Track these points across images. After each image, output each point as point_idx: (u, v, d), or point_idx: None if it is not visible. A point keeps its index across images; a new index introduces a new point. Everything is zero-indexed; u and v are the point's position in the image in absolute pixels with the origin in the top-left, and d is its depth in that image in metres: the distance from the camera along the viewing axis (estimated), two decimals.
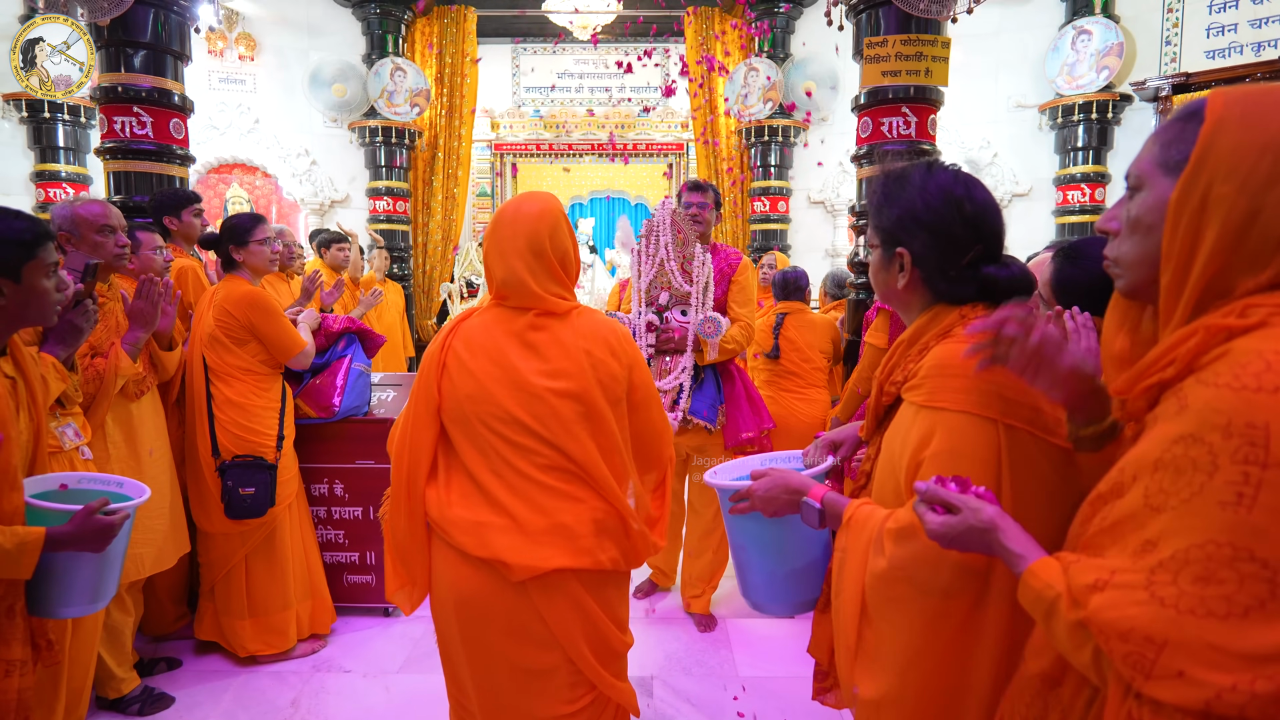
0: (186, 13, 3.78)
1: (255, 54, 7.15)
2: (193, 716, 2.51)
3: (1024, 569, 0.87)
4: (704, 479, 1.58)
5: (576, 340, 1.52)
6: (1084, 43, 6.26)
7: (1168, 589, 0.71)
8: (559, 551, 1.46)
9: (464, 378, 1.51)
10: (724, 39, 7.48)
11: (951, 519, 0.94)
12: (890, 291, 1.26)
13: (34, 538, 1.34)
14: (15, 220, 1.48)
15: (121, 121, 3.62)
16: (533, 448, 1.48)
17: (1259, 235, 0.78)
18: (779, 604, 1.44)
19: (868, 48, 3.63)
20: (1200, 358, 0.78)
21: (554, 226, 1.54)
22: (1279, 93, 0.81)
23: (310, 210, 7.42)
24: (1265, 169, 0.77)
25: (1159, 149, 0.87)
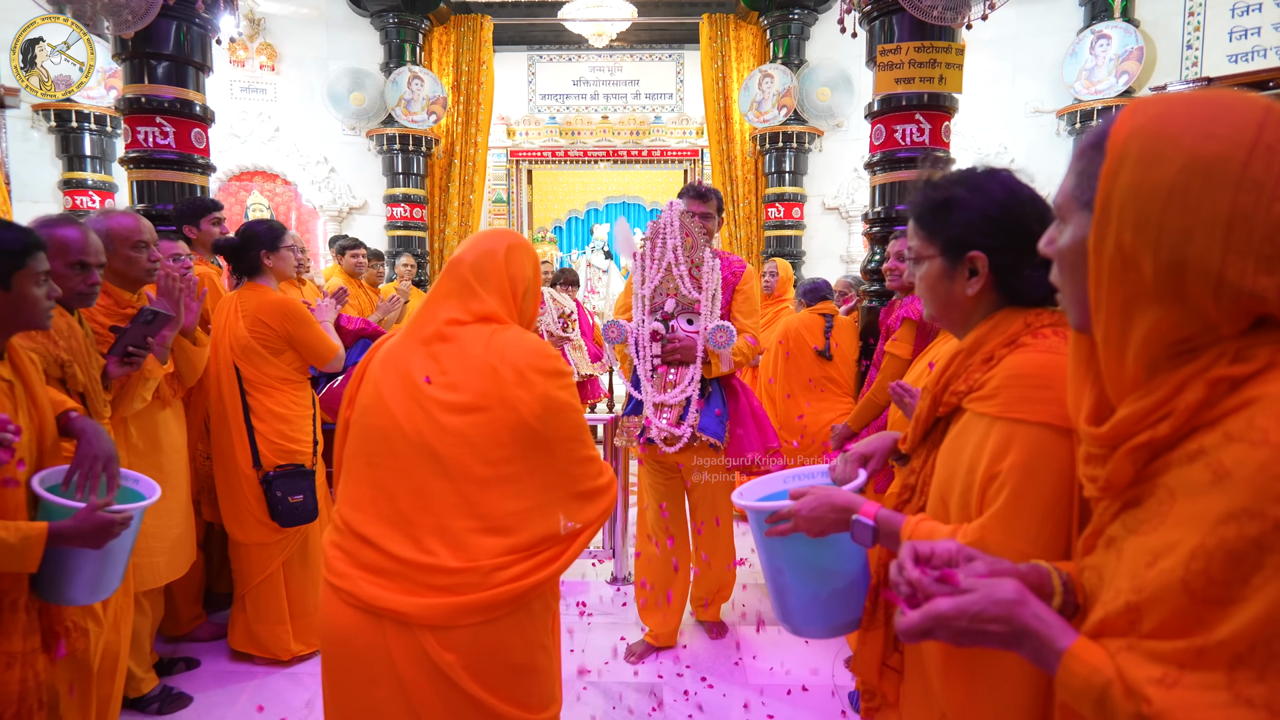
0: (208, 25, 3.86)
1: (276, 63, 7.27)
2: (211, 716, 2.54)
3: (1065, 648, 0.73)
4: (733, 501, 1.46)
5: (484, 354, 1.38)
6: (1103, 47, 6.21)
7: (1255, 687, 0.61)
8: (420, 594, 1.29)
9: (368, 388, 1.43)
10: (739, 45, 7.50)
11: (960, 600, 0.77)
12: (953, 301, 1.17)
13: (37, 533, 1.39)
14: (5, 231, 1.53)
15: (145, 132, 3.69)
16: (414, 469, 1.33)
17: (1193, 292, 0.68)
18: (820, 627, 1.37)
19: (881, 55, 3.63)
20: (1205, 411, 0.69)
21: (513, 247, 1.49)
22: (1190, 112, 0.70)
23: (329, 217, 7.51)
24: (1175, 218, 0.67)
25: (1073, 180, 0.78)
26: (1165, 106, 0.71)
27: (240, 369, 2.72)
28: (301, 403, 2.80)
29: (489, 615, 1.32)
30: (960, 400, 1.12)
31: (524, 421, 1.35)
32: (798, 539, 1.25)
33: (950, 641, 0.77)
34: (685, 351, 2.71)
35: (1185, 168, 0.67)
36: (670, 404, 2.71)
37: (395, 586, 1.31)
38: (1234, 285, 0.66)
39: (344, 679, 1.36)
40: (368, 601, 1.31)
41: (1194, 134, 0.67)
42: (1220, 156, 0.66)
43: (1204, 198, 0.66)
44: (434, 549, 1.31)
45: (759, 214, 7.55)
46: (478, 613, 1.31)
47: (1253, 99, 0.68)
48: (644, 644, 2.96)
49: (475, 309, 1.43)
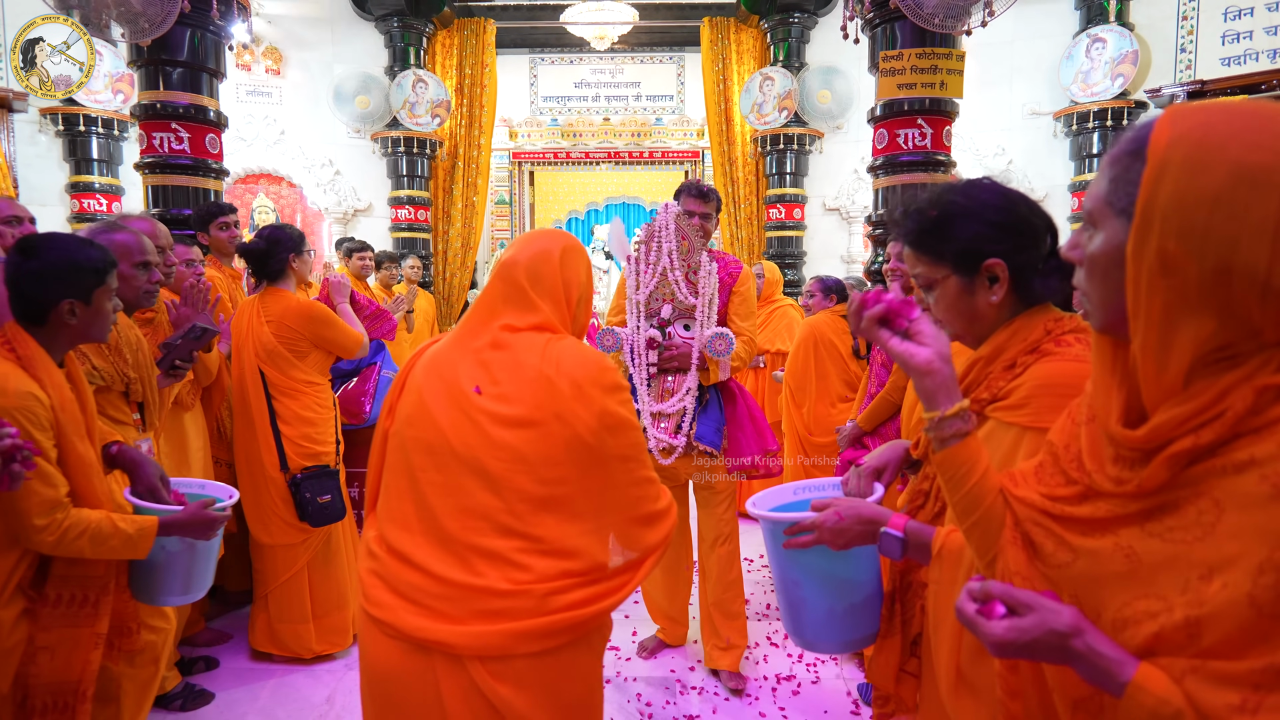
0: (222, 31, 3.92)
1: (281, 67, 7.33)
2: (233, 713, 2.60)
3: (1130, 678, 0.71)
4: (749, 511, 1.39)
5: (539, 364, 1.28)
6: (1098, 50, 6.30)
7: None
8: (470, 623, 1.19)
9: (411, 397, 1.33)
10: (739, 48, 7.57)
11: (1022, 622, 0.77)
12: (978, 314, 1.15)
13: (150, 524, 1.57)
14: (90, 249, 1.61)
15: (160, 137, 3.76)
16: (462, 486, 1.24)
17: (1239, 298, 0.68)
18: (835, 642, 1.33)
19: (884, 61, 3.71)
20: (1251, 419, 0.69)
21: (568, 250, 1.41)
22: (1230, 122, 0.70)
23: (334, 219, 7.57)
24: (1221, 225, 0.67)
25: (1107, 185, 0.77)
26: (1206, 115, 0.70)
27: (265, 374, 2.75)
28: (325, 405, 2.86)
29: (545, 644, 1.22)
30: (983, 408, 1.11)
31: (580, 438, 1.26)
32: (817, 551, 1.22)
33: (1002, 656, 0.80)
34: (682, 359, 2.63)
35: (1232, 175, 0.67)
36: (668, 413, 2.63)
37: (442, 615, 1.20)
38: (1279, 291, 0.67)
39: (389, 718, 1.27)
40: (412, 634, 1.20)
41: (1239, 144, 0.67)
42: (1267, 167, 0.66)
43: (1251, 206, 0.66)
44: (483, 570, 1.21)
45: (760, 215, 7.63)
46: (533, 640, 1.21)
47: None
48: (655, 639, 2.99)
49: (529, 317, 1.34)
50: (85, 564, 1.56)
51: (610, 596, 1.29)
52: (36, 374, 1.53)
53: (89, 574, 1.57)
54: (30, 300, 1.57)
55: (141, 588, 1.69)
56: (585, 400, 1.27)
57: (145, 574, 1.68)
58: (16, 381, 1.48)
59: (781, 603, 1.35)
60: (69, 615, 1.56)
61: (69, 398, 1.58)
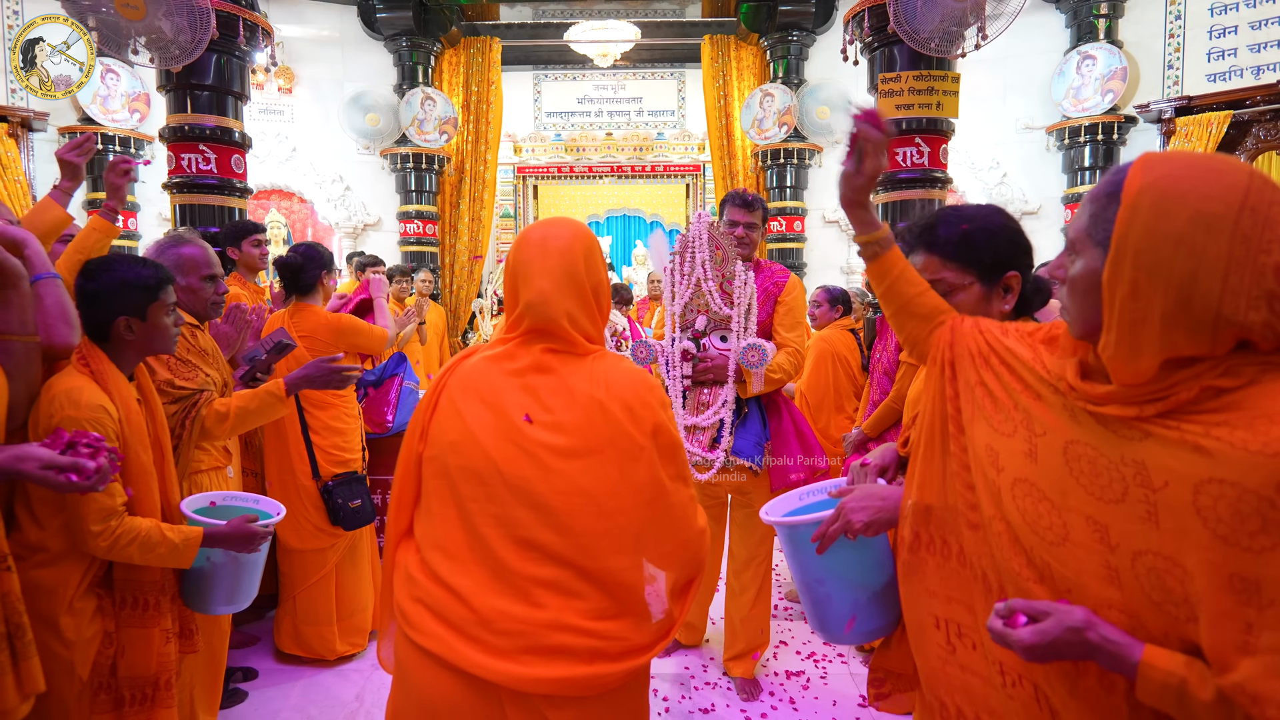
0: (246, 56, 4.08)
1: (293, 86, 7.50)
2: (268, 709, 2.72)
3: (1140, 658, 0.82)
4: (763, 519, 1.42)
5: (590, 388, 1.24)
6: (1089, 67, 6.49)
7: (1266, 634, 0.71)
8: (535, 662, 1.16)
9: (452, 421, 1.26)
10: (739, 65, 7.76)
11: (1043, 626, 0.87)
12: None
13: (195, 534, 1.67)
14: (143, 268, 1.74)
15: (188, 158, 3.91)
16: (517, 519, 1.20)
17: (1196, 319, 0.80)
18: (859, 633, 1.38)
19: (882, 83, 3.87)
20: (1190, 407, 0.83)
21: (588, 250, 1.32)
22: (1191, 174, 0.82)
23: (344, 233, 7.72)
24: (1183, 262, 0.79)
25: (1088, 220, 0.90)
26: (1171, 167, 0.82)
27: None
28: (352, 415, 3.00)
29: (612, 685, 1.22)
30: None
31: (637, 462, 1.23)
32: (837, 550, 1.28)
33: (1035, 661, 0.89)
34: (718, 371, 2.56)
35: (1191, 220, 0.79)
36: (703, 426, 2.56)
37: (499, 651, 1.16)
38: (1228, 317, 0.79)
39: None
40: (473, 671, 1.16)
41: (1196, 195, 0.80)
42: (1219, 215, 0.79)
43: (1207, 246, 0.79)
44: (545, 601, 1.18)
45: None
46: (603, 683, 1.20)
47: (1239, 166, 0.83)
48: (672, 640, 3.07)
49: (570, 341, 1.29)
50: (140, 570, 1.68)
51: (674, 630, 1.30)
52: (107, 387, 1.65)
53: (144, 579, 1.68)
54: (92, 319, 1.70)
55: (192, 596, 1.80)
56: (638, 421, 1.24)
57: (195, 583, 1.79)
58: (89, 395, 1.60)
59: (805, 601, 1.41)
60: (135, 616, 1.68)
61: (135, 410, 1.71)
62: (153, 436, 1.79)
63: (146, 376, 1.81)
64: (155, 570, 1.70)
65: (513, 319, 1.32)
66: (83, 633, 1.61)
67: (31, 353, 1.56)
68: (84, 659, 1.61)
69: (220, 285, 2.21)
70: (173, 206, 3.97)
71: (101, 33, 3.77)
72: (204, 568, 1.75)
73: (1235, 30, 5.98)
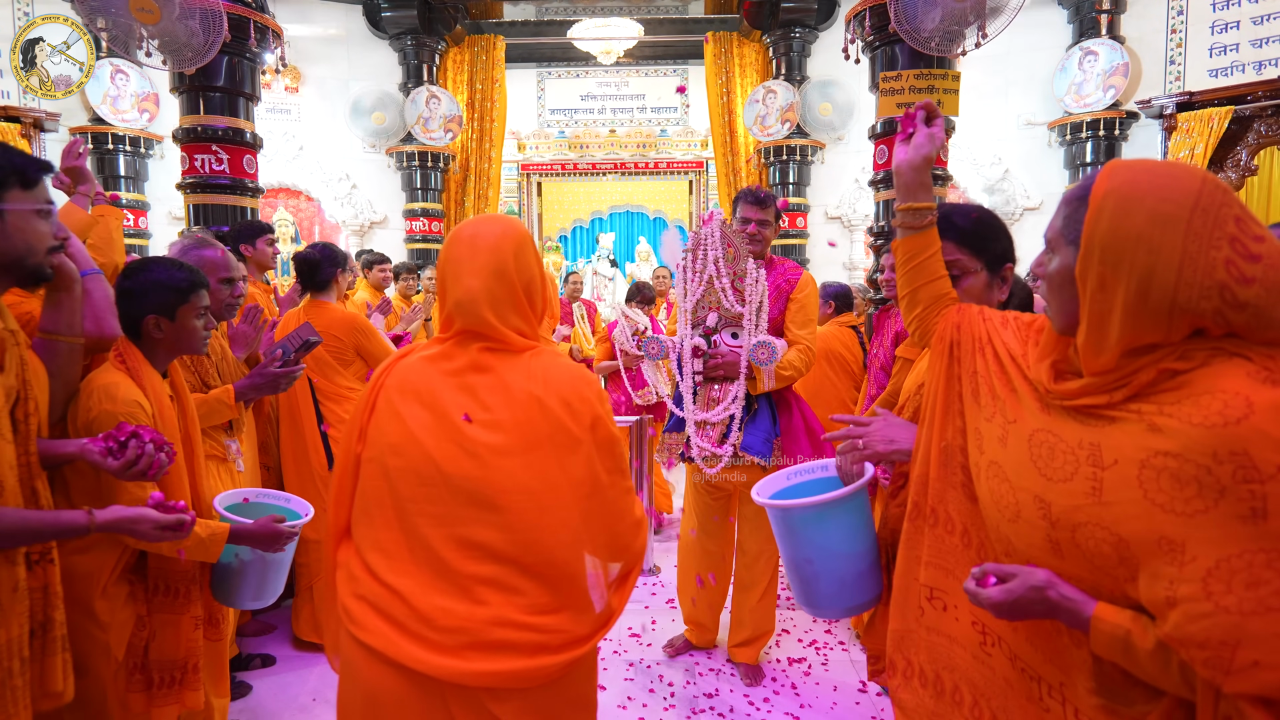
0: (257, 58, 4.14)
1: (300, 85, 7.56)
2: (285, 694, 2.81)
3: (1091, 613, 0.92)
4: (755, 500, 1.50)
5: (528, 385, 1.25)
6: (1090, 63, 6.52)
7: (1227, 598, 0.80)
8: (478, 657, 1.18)
9: (391, 422, 1.26)
10: (742, 62, 7.81)
11: (1010, 585, 0.97)
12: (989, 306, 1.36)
13: (222, 530, 1.72)
14: (178, 271, 1.80)
15: (201, 159, 3.98)
16: (458, 517, 1.21)
17: (1153, 309, 0.89)
18: (843, 608, 1.47)
19: (884, 81, 3.93)
20: (1149, 389, 0.92)
21: (519, 247, 1.30)
22: (1150, 179, 0.90)
23: (351, 231, 7.80)
24: (1142, 257, 0.88)
25: (1062, 222, 0.98)
26: (1132, 174, 0.91)
27: (313, 380, 2.97)
28: None
29: (555, 676, 1.24)
30: None
31: (575, 456, 1.26)
32: (824, 531, 1.39)
33: (1006, 618, 1.00)
34: (728, 367, 2.59)
35: (1149, 220, 0.88)
36: (713, 422, 2.60)
37: (443, 648, 1.18)
38: (1183, 306, 0.88)
39: None
40: (417, 667, 1.18)
41: (1154, 196, 0.89)
42: (1173, 214, 0.87)
43: (1163, 242, 0.88)
44: (486, 598, 1.20)
45: None
46: (546, 674, 1.23)
47: (1194, 171, 0.91)
48: (683, 639, 3.02)
49: (504, 339, 1.29)
50: (172, 560, 1.75)
51: (613, 620, 1.33)
52: (141, 383, 1.72)
53: (176, 568, 1.76)
54: (125, 315, 1.77)
55: (219, 590, 1.87)
56: (576, 416, 1.26)
57: (223, 578, 1.85)
58: (125, 390, 1.67)
59: (793, 580, 1.50)
60: (167, 603, 1.76)
61: (167, 405, 1.78)
62: (184, 432, 1.86)
63: (179, 374, 1.88)
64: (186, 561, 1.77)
65: (444, 318, 1.32)
66: (116, 615, 1.69)
67: (74, 353, 1.64)
68: (119, 640, 1.69)
69: (237, 288, 2.28)
70: (186, 206, 4.05)
71: (112, 34, 3.84)
72: (232, 564, 1.82)
73: (1237, 25, 6.00)
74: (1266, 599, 0.79)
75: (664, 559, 4.04)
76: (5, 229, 1.33)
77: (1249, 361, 0.87)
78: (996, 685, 1.08)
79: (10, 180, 1.33)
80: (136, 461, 1.47)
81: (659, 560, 4.01)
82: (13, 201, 1.33)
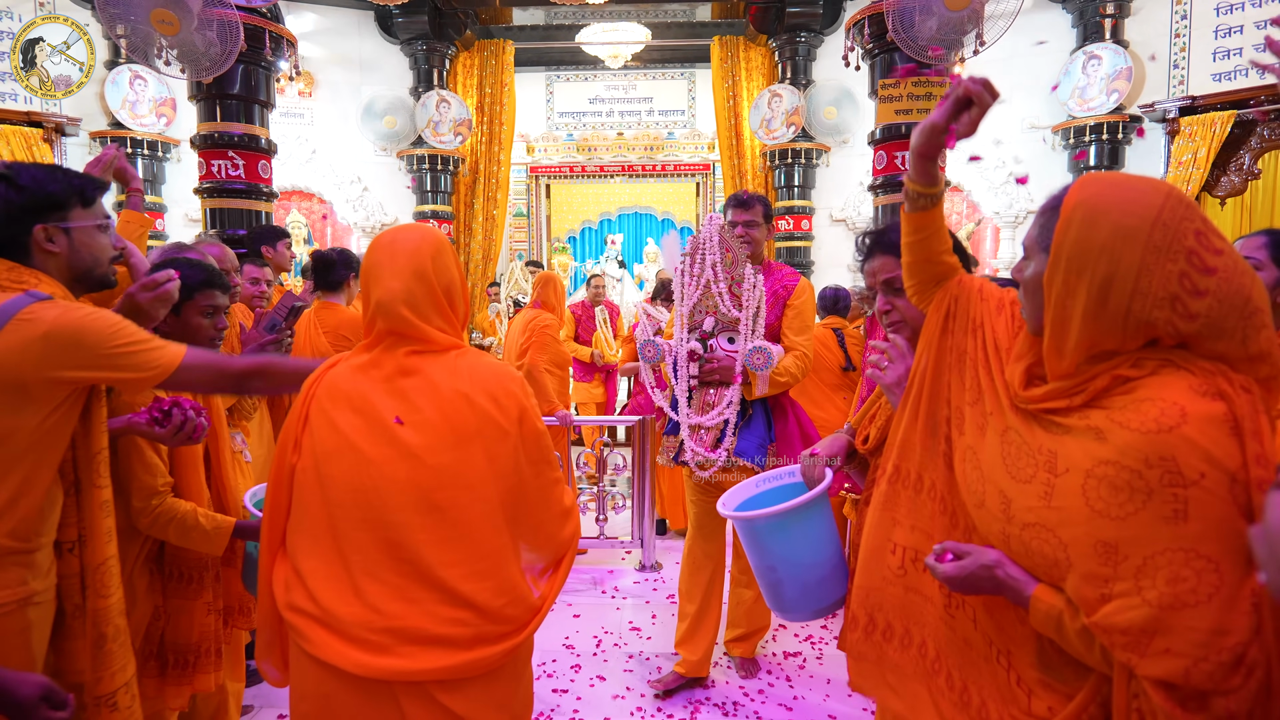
0: (272, 66, 4.27)
1: (313, 89, 7.70)
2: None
3: (1031, 593, 1.01)
4: (720, 512, 1.54)
5: (454, 383, 1.30)
6: (1094, 67, 6.55)
7: (1151, 592, 0.88)
8: (419, 654, 1.22)
9: (326, 431, 1.29)
10: (748, 66, 7.88)
11: (963, 562, 1.07)
12: None
13: (226, 524, 1.79)
14: (189, 269, 1.88)
15: (218, 164, 4.11)
16: (393, 521, 1.24)
17: (1110, 317, 0.95)
18: (810, 611, 1.51)
19: (882, 89, 4.00)
20: (1104, 396, 0.98)
21: (436, 251, 1.35)
22: (1116, 193, 0.95)
23: (362, 233, 7.93)
24: (1103, 267, 0.94)
25: (1037, 231, 1.04)
26: (1100, 187, 0.97)
27: None
28: None
29: (494, 666, 1.29)
30: None
31: (503, 447, 1.31)
32: (787, 541, 1.45)
33: (959, 591, 1.09)
34: (724, 372, 2.58)
35: (1112, 232, 0.93)
36: (707, 426, 2.59)
37: (384, 649, 1.22)
38: (1137, 315, 0.93)
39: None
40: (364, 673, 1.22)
41: (1118, 210, 0.94)
42: (1134, 227, 0.93)
43: (1124, 253, 0.93)
44: (423, 596, 1.24)
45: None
46: (486, 665, 1.28)
47: (1159, 187, 0.96)
48: (674, 674, 2.80)
49: (426, 340, 1.33)
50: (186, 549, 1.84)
51: (546, 606, 1.37)
52: None
53: (190, 556, 1.85)
54: None
55: (248, 581, 1.95)
56: (503, 410, 1.31)
57: (250, 569, 1.92)
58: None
59: (762, 586, 1.56)
60: (180, 588, 1.85)
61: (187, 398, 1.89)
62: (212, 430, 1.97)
63: None
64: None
65: (368, 321, 1.36)
66: (137, 604, 1.79)
67: None
68: (137, 628, 1.79)
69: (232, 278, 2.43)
70: (203, 210, 4.18)
71: (131, 41, 3.97)
72: (254, 555, 1.89)
73: (1241, 30, 6.03)
74: (1182, 595, 0.86)
75: (665, 556, 4.14)
76: (73, 244, 1.46)
77: (1192, 375, 0.92)
78: (957, 644, 1.17)
79: (72, 200, 1.46)
80: (182, 426, 1.61)
81: (660, 558, 4.10)
82: (76, 220, 1.46)
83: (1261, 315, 0.93)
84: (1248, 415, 0.90)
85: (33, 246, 1.43)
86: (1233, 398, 0.90)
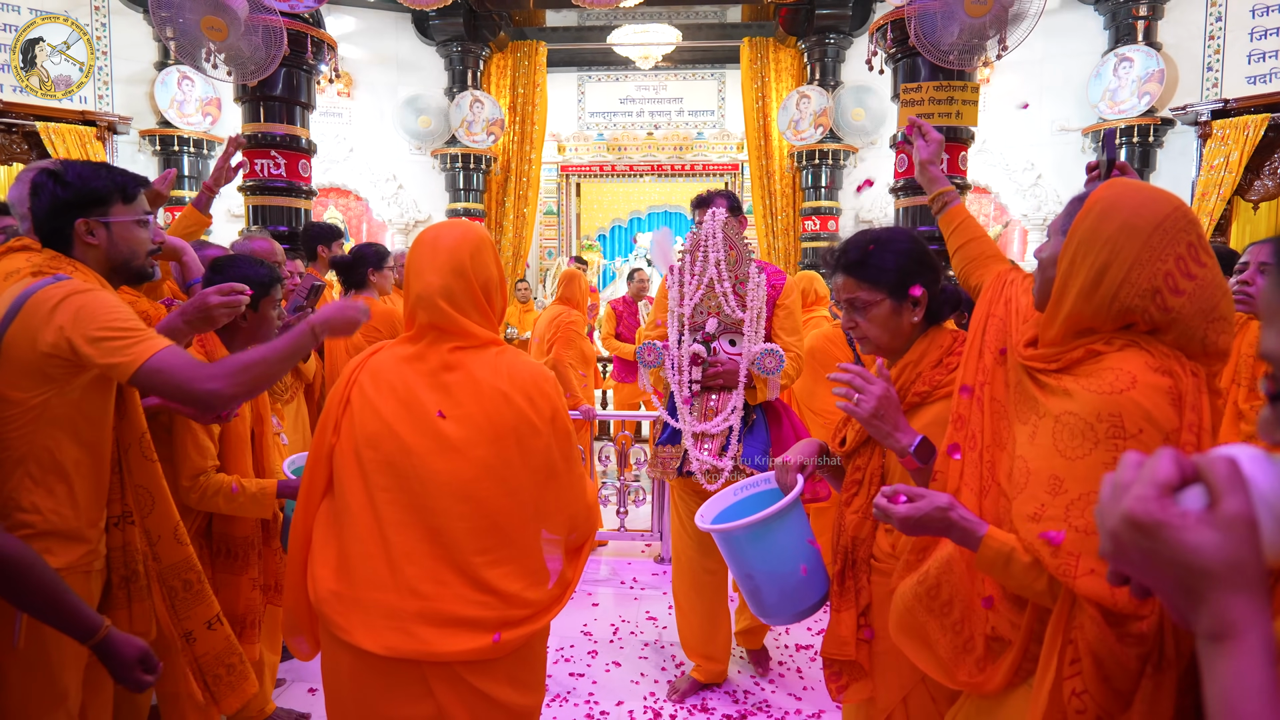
0: (314, 69, 4.45)
1: (351, 90, 7.93)
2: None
3: (983, 533, 1.11)
4: (700, 526, 1.57)
5: (494, 380, 1.37)
6: (1126, 69, 6.50)
7: (1080, 520, 1.01)
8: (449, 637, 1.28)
9: (368, 416, 1.35)
10: (778, 67, 7.93)
11: (918, 504, 1.15)
12: (901, 332, 1.49)
13: (270, 485, 1.94)
14: (259, 268, 2.06)
15: (261, 164, 4.30)
16: (430, 506, 1.31)
17: (1100, 298, 1.09)
18: (789, 614, 1.55)
19: (904, 93, 4.06)
20: (1076, 365, 1.12)
21: (476, 249, 1.41)
22: (1133, 196, 1.09)
23: (396, 230, 8.14)
24: (1104, 256, 1.08)
25: (1063, 218, 1.17)
26: (1122, 190, 1.11)
27: None
28: None
29: (526, 643, 1.38)
30: (924, 399, 1.46)
31: (535, 444, 1.38)
32: (762, 552, 1.49)
33: (909, 532, 1.17)
34: (728, 376, 2.48)
35: (1120, 228, 1.07)
36: (712, 434, 2.48)
37: (417, 628, 1.27)
38: (1122, 301, 1.07)
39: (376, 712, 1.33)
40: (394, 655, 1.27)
41: (1129, 210, 1.08)
42: (1138, 227, 1.07)
43: (1124, 247, 1.07)
44: (454, 580, 1.30)
45: (796, 226, 7.98)
46: (516, 644, 1.35)
47: (1172, 199, 1.09)
48: (690, 680, 2.73)
49: (467, 336, 1.40)
50: (231, 525, 1.98)
51: (568, 593, 1.46)
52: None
53: (236, 534, 2.00)
54: None
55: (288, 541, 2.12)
56: (538, 409, 1.39)
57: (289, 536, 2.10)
58: None
59: (744, 590, 1.59)
60: (228, 564, 2.01)
61: None
62: (255, 412, 2.12)
63: None
64: (245, 525, 2.01)
65: (408, 313, 1.42)
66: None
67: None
68: None
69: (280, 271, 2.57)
70: (246, 207, 4.38)
71: (179, 44, 4.17)
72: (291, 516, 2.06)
73: (1277, 31, 5.94)
74: None
75: None
76: (112, 237, 1.58)
77: (1150, 355, 1.06)
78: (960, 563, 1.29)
79: (114, 196, 1.58)
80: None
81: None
82: (117, 215, 1.58)
83: (1224, 323, 1.08)
84: (1190, 391, 1.03)
85: (74, 238, 1.53)
86: (1180, 376, 1.04)
